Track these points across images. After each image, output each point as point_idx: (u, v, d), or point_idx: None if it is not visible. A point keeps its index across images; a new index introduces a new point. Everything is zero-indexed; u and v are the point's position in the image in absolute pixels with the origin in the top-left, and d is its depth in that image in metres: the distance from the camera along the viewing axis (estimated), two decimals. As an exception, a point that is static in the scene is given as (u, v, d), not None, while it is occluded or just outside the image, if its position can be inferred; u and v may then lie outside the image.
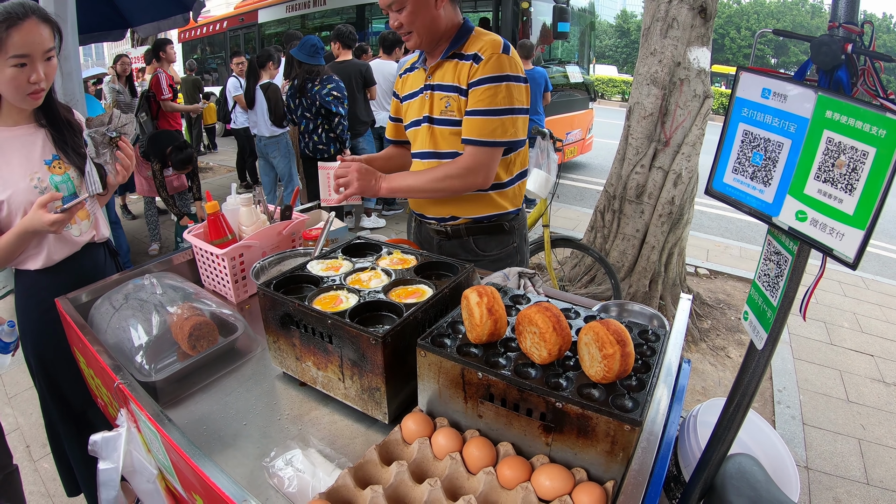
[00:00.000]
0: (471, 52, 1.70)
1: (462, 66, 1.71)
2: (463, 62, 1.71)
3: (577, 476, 0.96)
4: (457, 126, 1.76)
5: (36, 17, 1.47)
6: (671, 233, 4.13)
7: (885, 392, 3.58)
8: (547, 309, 1.01)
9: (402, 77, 1.97)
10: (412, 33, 1.69)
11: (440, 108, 1.78)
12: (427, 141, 1.84)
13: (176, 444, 1.02)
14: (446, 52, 1.74)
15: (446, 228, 1.93)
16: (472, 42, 1.73)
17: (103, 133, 1.62)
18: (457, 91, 1.72)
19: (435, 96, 1.79)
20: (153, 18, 4.63)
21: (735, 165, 0.92)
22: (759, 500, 1.04)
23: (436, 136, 1.82)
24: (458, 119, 1.75)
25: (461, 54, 1.73)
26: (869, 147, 0.70)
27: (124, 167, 1.68)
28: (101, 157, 1.64)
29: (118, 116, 1.65)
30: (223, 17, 12.14)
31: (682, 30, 3.73)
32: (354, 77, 5.19)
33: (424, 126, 1.83)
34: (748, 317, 0.97)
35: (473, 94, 1.68)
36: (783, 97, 0.83)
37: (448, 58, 1.75)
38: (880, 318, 4.68)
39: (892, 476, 2.82)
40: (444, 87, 1.76)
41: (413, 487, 0.97)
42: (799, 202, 0.81)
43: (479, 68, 1.67)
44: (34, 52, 1.48)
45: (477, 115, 1.68)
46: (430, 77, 1.79)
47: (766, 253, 0.94)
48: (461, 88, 1.71)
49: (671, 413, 1.09)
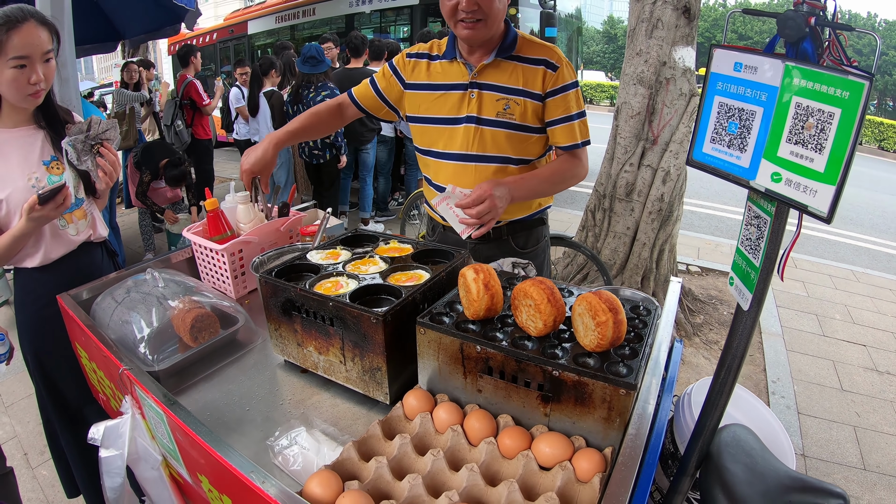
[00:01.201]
0: (536, 57, 1.67)
1: (530, 70, 1.67)
2: (530, 66, 1.67)
3: (577, 444, 0.99)
4: (515, 130, 1.71)
5: (34, 20, 1.51)
6: (661, 229, 4.19)
7: (878, 380, 3.64)
8: (541, 282, 1.05)
9: (412, 61, 1.83)
10: (482, 21, 1.57)
11: (496, 109, 1.70)
12: (470, 142, 1.74)
13: (182, 422, 1.05)
14: (498, 52, 1.67)
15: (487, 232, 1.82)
16: (526, 46, 1.70)
17: (83, 141, 1.62)
18: (525, 95, 1.68)
19: (486, 96, 1.70)
20: (146, 30, 4.66)
21: (713, 135, 0.96)
22: (754, 466, 1.07)
23: (484, 138, 1.73)
24: (518, 123, 1.70)
25: (520, 57, 1.68)
26: (834, 108, 0.75)
27: (107, 173, 1.69)
28: (82, 164, 1.64)
29: (97, 123, 1.66)
30: (213, 28, 12.21)
31: (667, 30, 3.80)
32: None
33: (467, 126, 1.73)
34: (733, 282, 1.01)
35: (562, 100, 1.68)
36: (754, 69, 0.88)
37: (505, 59, 1.69)
38: (871, 309, 4.75)
39: (889, 461, 2.87)
40: (501, 88, 1.69)
41: (416, 459, 1.00)
42: (773, 165, 0.86)
43: (559, 75, 1.67)
44: (33, 53, 1.51)
45: (575, 120, 1.71)
46: (478, 75, 1.70)
47: (746, 218, 0.99)
48: (534, 94, 1.67)
49: (665, 383, 1.13)
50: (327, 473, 0.90)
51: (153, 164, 4.43)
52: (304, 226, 2.02)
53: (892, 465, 2.83)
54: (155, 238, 5.18)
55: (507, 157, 1.75)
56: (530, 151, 1.78)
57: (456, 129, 1.75)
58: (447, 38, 1.78)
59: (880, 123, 21.08)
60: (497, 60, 1.69)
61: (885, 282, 5.45)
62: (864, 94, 0.72)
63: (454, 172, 1.79)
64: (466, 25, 1.58)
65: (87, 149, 1.63)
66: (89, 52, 5.05)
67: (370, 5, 8.93)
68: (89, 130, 1.62)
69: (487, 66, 1.69)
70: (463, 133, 1.74)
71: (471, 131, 1.73)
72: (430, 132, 1.81)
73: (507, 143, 1.73)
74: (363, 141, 5.48)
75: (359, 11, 9.16)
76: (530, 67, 1.68)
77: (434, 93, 1.78)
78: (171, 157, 4.51)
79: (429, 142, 1.83)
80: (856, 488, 2.65)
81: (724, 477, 1.04)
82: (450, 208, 1.61)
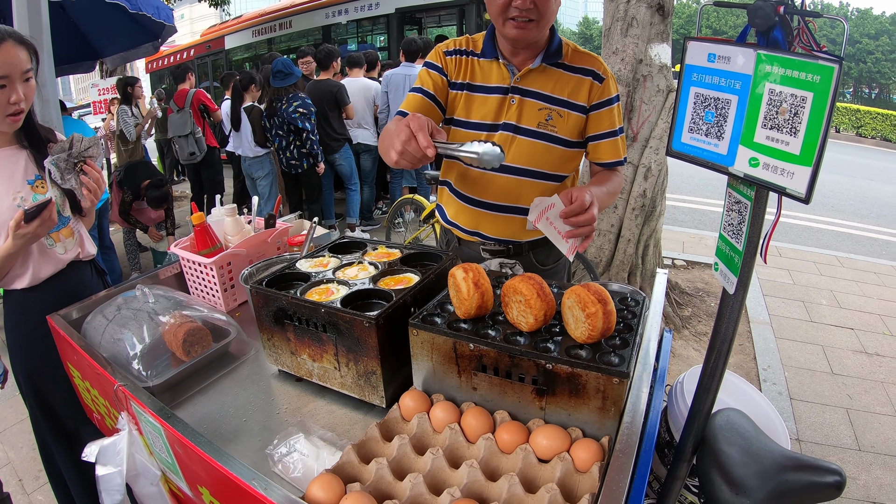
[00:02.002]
0: (583, 67, 1.58)
1: (576, 80, 1.58)
2: (576, 76, 1.58)
3: (573, 435, 1.00)
4: (555, 143, 1.60)
5: (12, 39, 1.50)
6: (645, 225, 4.23)
7: (868, 362, 3.70)
8: (530, 278, 1.07)
9: (454, 58, 1.66)
10: (534, 21, 1.44)
11: (537, 119, 1.59)
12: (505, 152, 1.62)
13: (180, 434, 1.04)
14: (544, 57, 1.57)
15: (508, 248, 1.76)
16: (572, 54, 1.60)
17: (65, 160, 1.61)
18: (570, 107, 1.58)
19: (527, 104, 1.59)
20: (123, 48, 4.64)
21: (690, 125, 0.99)
22: (749, 447, 1.09)
23: (519, 149, 1.61)
24: (560, 136, 1.60)
25: (566, 65, 1.58)
26: (807, 93, 0.78)
27: (91, 191, 1.67)
28: (66, 182, 1.62)
29: (79, 141, 1.64)
30: (190, 45, 12.16)
31: (642, 28, 3.86)
32: (326, 97, 5.31)
33: (504, 134, 1.61)
34: (718, 267, 1.03)
35: (608, 113, 1.60)
36: (727, 59, 0.91)
37: (551, 65, 1.58)
38: (857, 293, 4.83)
39: (883, 440, 2.92)
40: (544, 97, 1.58)
41: (416, 459, 1.01)
42: (751, 150, 0.88)
43: (605, 88, 1.59)
44: (12, 73, 1.51)
45: (618, 135, 1.63)
46: (520, 80, 1.58)
47: (727, 205, 1.01)
48: (578, 105, 1.58)
49: (657, 373, 1.14)
50: (329, 477, 0.90)
51: (135, 184, 4.38)
52: (291, 236, 2.02)
53: (887, 445, 2.88)
54: (140, 257, 5.14)
55: (540, 171, 1.64)
56: (564, 168, 1.68)
57: (491, 136, 1.62)
58: (483, 33, 1.65)
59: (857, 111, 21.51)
60: (543, 66, 1.58)
61: (869, 265, 5.56)
62: (834, 78, 0.75)
63: (479, 182, 1.68)
64: (517, 25, 1.45)
65: (70, 167, 1.62)
66: (67, 72, 5.02)
67: (346, 16, 8.96)
68: (71, 149, 1.61)
69: (532, 71, 1.58)
70: (498, 141, 1.60)
71: (507, 140, 1.60)
72: (462, 136, 1.66)
73: (544, 156, 1.61)
74: (331, 150, 5.49)
75: (335, 23, 9.19)
76: (576, 77, 1.58)
77: (471, 94, 1.64)
78: (153, 177, 4.47)
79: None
80: (852, 469, 2.69)
81: (720, 459, 1.06)
82: (551, 224, 1.34)
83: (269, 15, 10.07)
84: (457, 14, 7.75)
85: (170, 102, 5.68)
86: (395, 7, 8.14)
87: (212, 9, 10.69)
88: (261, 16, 10.30)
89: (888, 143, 20.33)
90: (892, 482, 2.62)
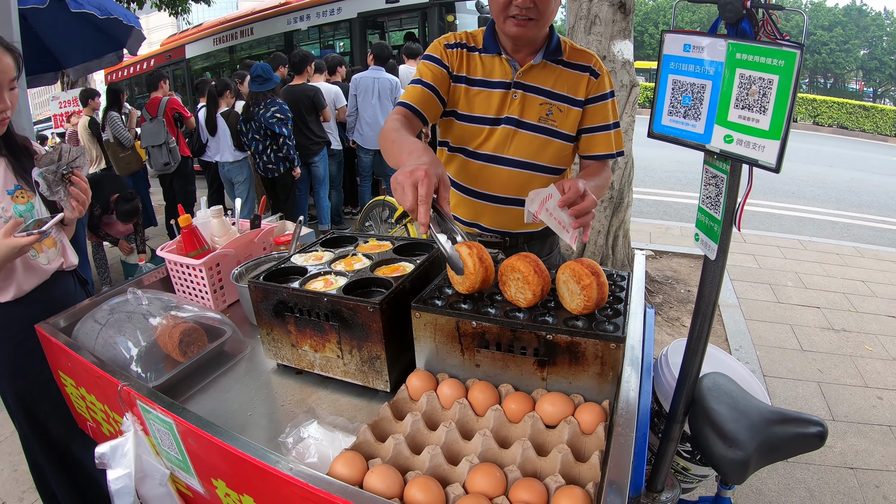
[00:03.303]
0: (580, 63, 1.64)
1: (574, 76, 1.64)
2: (574, 72, 1.64)
3: (576, 400, 1.06)
4: (554, 137, 1.67)
5: (2, 47, 1.49)
6: (614, 216, 4.37)
7: (835, 338, 3.89)
8: (526, 256, 1.12)
9: (455, 51, 1.68)
10: (534, 20, 1.50)
11: (538, 113, 1.64)
12: (505, 144, 1.67)
13: (194, 426, 1.06)
14: (545, 54, 1.62)
15: (504, 240, 1.79)
16: (570, 51, 1.66)
17: (54, 171, 1.59)
18: (568, 102, 1.64)
19: (529, 98, 1.64)
20: (86, 58, 4.55)
21: (669, 109, 1.08)
22: (737, 405, 1.17)
23: (520, 142, 1.66)
24: (559, 130, 1.66)
25: (564, 62, 1.64)
26: (773, 76, 0.88)
27: (80, 202, 1.66)
28: (55, 194, 1.61)
29: (68, 151, 1.62)
30: (150, 55, 11.93)
31: (605, 25, 3.98)
32: (303, 100, 5.36)
33: (505, 128, 1.66)
34: (699, 237, 1.12)
35: (602, 107, 1.67)
36: (701, 48, 1.01)
37: (552, 62, 1.64)
38: (821, 273, 5.06)
39: (855, 410, 3.08)
40: (546, 92, 1.64)
41: (429, 434, 1.05)
42: (725, 128, 0.98)
43: (601, 83, 1.65)
44: (0, 80, 1.49)
45: (612, 129, 1.69)
46: (523, 75, 1.63)
47: (705, 179, 1.10)
48: (575, 100, 1.65)
49: (646, 339, 1.21)
50: (351, 454, 0.94)
51: (103, 197, 4.29)
52: (277, 235, 2.04)
53: (858, 413, 3.04)
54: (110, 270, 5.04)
55: (540, 164, 1.70)
56: (562, 161, 1.74)
57: (494, 129, 1.67)
58: (482, 29, 1.69)
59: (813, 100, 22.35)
60: (544, 62, 1.63)
61: (831, 247, 5.82)
62: (796, 61, 0.85)
63: (480, 175, 1.72)
64: (518, 23, 1.50)
65: (58, 179, 1.59)
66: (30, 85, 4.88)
67: (308, 21, 8.93)
68: (60, 160, 1.59)
69: (534, 66, 1.63)
70: (499, 135, 1.66)
71: (509, 133, 1.66)
72: (465, 130, 1.70)
73: (544, 150, 1.68)
74: (311, 153, 5.56)
75: (296, 28, 9.15)
76: (575, 73, 1.64)
77: (475, 88, 1.67)
78: (122, 191, 4.39)
79: (460, 139, 1.73)
80: (828, 438, 2.83)
81: (711, 417, 1.13)
82: (551, 215, 1.36)
83: (231, 22, 9.95)
84: (419, 18, 7.81)
85: (142, 111, 5.57)
86: (357, 12, 8.15)
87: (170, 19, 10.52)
88: (222, 24, 10.17)
89: (845, 131, 21.20)
90: (866, 448, 2.77)
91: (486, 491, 0.87)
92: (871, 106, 22.23)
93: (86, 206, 1.70)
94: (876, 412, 3.06)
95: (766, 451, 1.12)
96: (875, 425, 2.95)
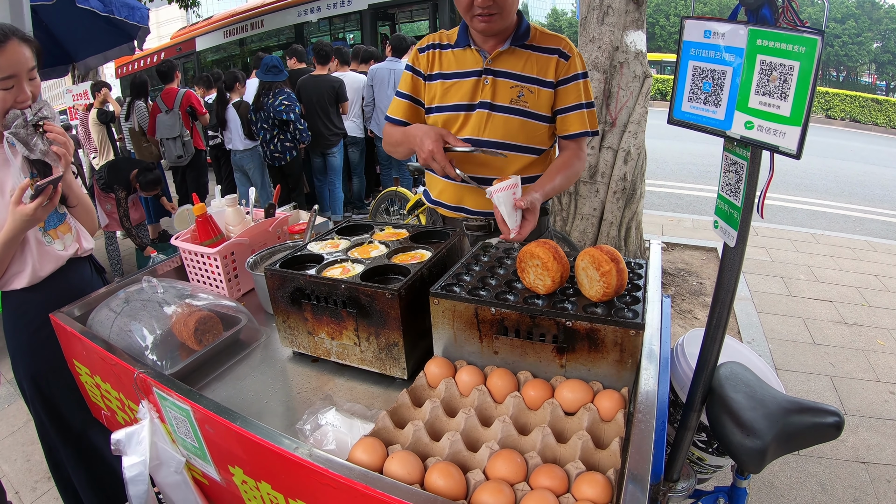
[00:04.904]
0: (549, 47, 1.72)
1: (543, 59, 1.71)
2: (543, 55, 1.71)
3: (595, 388, 1.06)
4: (528, 118, 1.74)
5: (16, 38, 1.48)
6: (627, 208, 4.34)
7: (848, 332, 3.85)
8: (545, 243, 1.12)
9: (427, 53, 1.83)
10: (497, 14, 1.60)
11: (510, 96, 1.72)
12: (481, 128, 1.75)
13: (212, 412, 1.07)
14: (513, 40, 1.71)
15: (489, 222, 1.85)
16: (539, 36, 1.74)
17: (23, 125, 1.52)
18: (538, 83, 1.72)
19: (500, 83, 1.72)
20: (97, 51, 4.56)
21: (689, 95, 1.07)
22: (754, 394, 1.16)
23: (496, 125, 1.74)
24: (531, 111, 1.73)
25: (534, 46, 1.72)
26: (794, 62, 0.87)
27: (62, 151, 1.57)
28: (34, 149, 1.54)
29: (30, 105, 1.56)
30: (160, 48, 11.98)
31: (618, 16, 3.94)
32: (327, 91, 5.44)
33: (480, 112, 1.75)
34: (718, 225, 1.11)
35: (574, 88, 1.73)
36: (722, 35, 1.00)
37: (520, 47, 1.72)
38: (833, 267, 5.01)
39: (867, 404, 3.05)
40: (515, 75, 1.72)
41: (448, 421, 1.05)
42: (746, 115, 0.97)
43: (571, 64, 1.71)
44: (19, 71, 1.49)
45: (585, 109, 1.75)
46: (492, 62, 1.72)
47: (724, 166, 1.09)
48: (546, 82, 1.72)
49: (663, 328, 1.20)
50: (371, 440, 0.94)
51: (123, 178, 4.34)
52: (292, 224, 2.04)
53: (871, 408, 3.01)
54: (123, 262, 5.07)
55: (517, 144, 1.76)
56: (540, 141, 1.80)
57: (469, 115, 1.76)
58: (457, 27, 1.79)
59: (826, 93, 22.10)
60: (512, 48, 1.71)
61: (844, 241, 5.76)
62: (817, 48, 0.84)
63: (461, 158, 1.76)
64: (483, 19, 1.60)
65: (30, 132, 1.53)
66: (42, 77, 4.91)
67: (318, 13, 8.92)
68: (25, 114, 1.53)
69: (503, 53, 1.72)
70: (475, 119, 1.75)
71: (484, 117, 1.74)
72: (445, 120, 1.80)
73: (519, 130, 1.75)
74: (329, 145, 5.66)
75: (307, 20, 9.14)
76: (544, 56, 1.72)
77: (448, 81, 1.78)
78: (138, 166, 4.44)
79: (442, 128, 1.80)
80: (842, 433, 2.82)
81: (729, 405, 1.12)
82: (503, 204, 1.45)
83: (241, 15, 9.97)
84: (429, 9, 7.78)
85: (156, 100, 5.58)
86: (368, 3, 8.13)
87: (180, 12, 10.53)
88: (232, 16, 10.18)
89: (857, 124, 20.96)
90: (878, 442, 2.75)
91: (507, 477, 0.87)
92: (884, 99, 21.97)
93: (70, 153, 1.63)
94: (888, 407, 3.04)
95: (784, 441, 1.11)
96: (887, 420, 2.92)
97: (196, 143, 5.75)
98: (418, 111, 1.87)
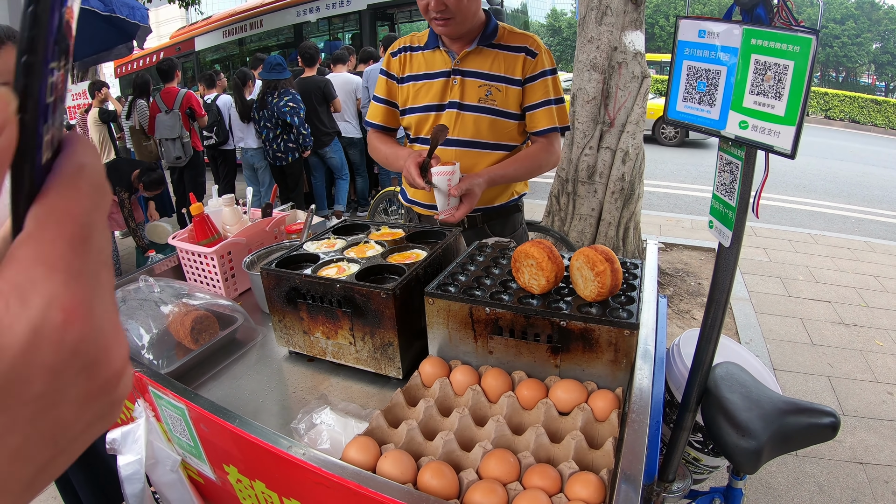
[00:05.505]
0: (516, 45, 1.75)
1: (511, 57, 1.75)
2: (511, 54, 1.75)
3: (589, 388, 1.06)
4: (496, 116, 1.77)
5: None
6: (625, 208, 4.34)
7: (846, 332, 3.85)
8: (539, 243, 1.12)
9: (399, 57, 1.88)
10: (452, 19, 1.65)
11: (478, 95, 1.76)
12: (453, 127, 1.79)
13: (207, 411, 1.07)
14: (480, 40, 1.75)
15: (462, 221, 1.87)
16: (507, 35, 1.78)
17: None
18: (506, 81, 1.75)
19: (468, 83, 1.77)
20: (96, 51, 4.55)
21: (684, 95, 1.07)
22: (749, 394, 1.16)
23: (465, 123, 1.79)
24: (500, 109, 1.77)
25: (501, 45, 1.76)
26: (788, 61, 0.87)
27: None
28: None
29: None
30: (159, 48, 11.95)
31: (616, 16, 3.95)
32: (314, 92, 5.48)
33: (450, 112, 1.80)
34: (713, 224, 1.11)
35: (542, 84, 1.76)
36: (716, 34, 1.00)
37: (487, 46, 1.76)
38: (832, 268, 5.01)
39: (865, 405, 3.05)
40: (483, 74, 1.76)
41: (442, 420, 1.05)
42: (740, 114, 0.97)
43: (538, 62, 1.75)
44: None
45: (553, 105, 1.78)
46: (460, 62, 1.76)
47: (719, 166, 1.09)
48: (514, 80, 1.75)
49: (659, 328, 1.20)
50: (364, 439, 0.94)
51: (125, 179, 4.34)
52: (289, 224, 2.04)
53: (868, 409, 3.01)
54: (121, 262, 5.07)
55: (488, 142, 1.80)
56: (510, 138, 1.83)
57: (440, 115, 1.81)
58: (427, 29, 1.83)
59: (825, 94, 22.09)
60: (479, 48, 1.75)
61: (842, 241, 5.76)
62: (812, 48, 0.84)
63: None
64: (439, 22, 1.66)
65: None
66: (39, 77, 4.89)
67: (318, 13, 8.92)
68: None
69: (470, 53, 1.76)
70: (445, 118, 1.79)
71: (453, 117, 1.78)
72: (417, 121, 1.86)
73: (489, 129, 1.78)
74: (322, 144, 5.71)
75: (306, 20, 9.14)
76: (511, 55, 1.75)
77: (419, 83, 1.83)
78: (139, 166, 4.45)
79: (417, 130, 1.89)
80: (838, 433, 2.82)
81: (724, 406, 1.12)
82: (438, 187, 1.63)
83: (240, 15, 9.96)
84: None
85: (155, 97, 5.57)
86: (367, 3, 8.13)
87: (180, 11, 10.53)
88: (231, 16, 10.18)
89: (856, 125, 20.93)
90: (876, 443, 2.75)
91: (500, 477, 0.87)
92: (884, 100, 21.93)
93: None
94: (886, 407, 3.04)
95: (779, 441, 1.11)
96: (885, 420, 2.92)
97: (194, 144, 5.75)
98: (395, 114, 1.94)
